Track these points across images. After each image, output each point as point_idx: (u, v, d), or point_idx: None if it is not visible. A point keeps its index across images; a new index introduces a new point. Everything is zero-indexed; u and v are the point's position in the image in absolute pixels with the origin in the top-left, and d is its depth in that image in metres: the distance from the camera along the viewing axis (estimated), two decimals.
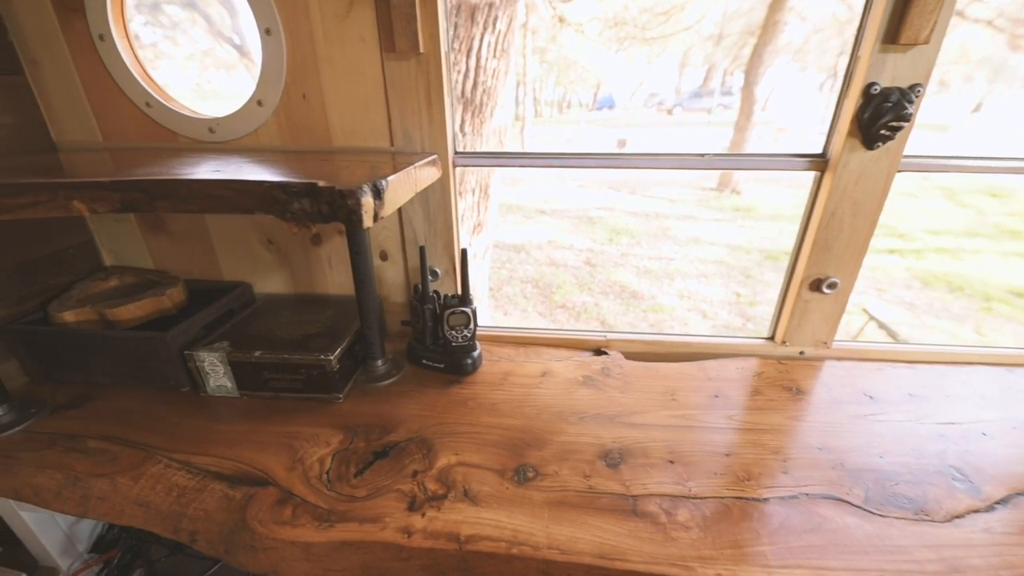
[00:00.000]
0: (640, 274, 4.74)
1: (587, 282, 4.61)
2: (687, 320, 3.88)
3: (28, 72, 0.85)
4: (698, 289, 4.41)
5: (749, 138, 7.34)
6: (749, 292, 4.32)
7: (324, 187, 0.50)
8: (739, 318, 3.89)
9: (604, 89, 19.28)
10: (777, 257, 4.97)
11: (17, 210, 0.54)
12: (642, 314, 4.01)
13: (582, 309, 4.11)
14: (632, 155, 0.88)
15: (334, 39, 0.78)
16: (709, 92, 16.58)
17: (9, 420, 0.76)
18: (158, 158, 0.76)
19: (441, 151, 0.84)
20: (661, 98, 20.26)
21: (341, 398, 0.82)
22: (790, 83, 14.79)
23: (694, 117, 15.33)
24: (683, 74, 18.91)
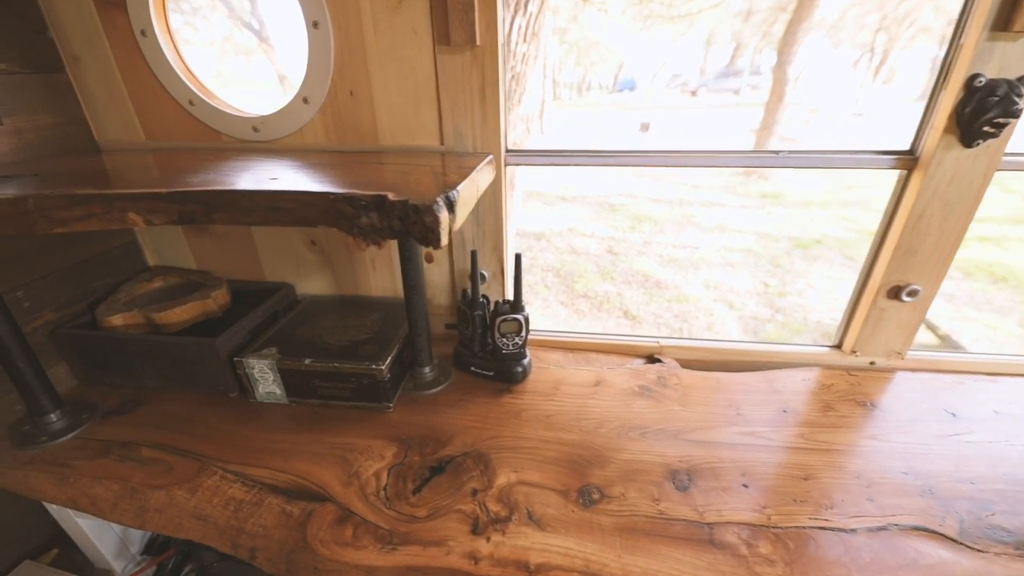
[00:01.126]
0: (664, 263, 4.64)
1: (609, 271, 4.53)
2: (712, 311, 3.79)
3: (69, 70, 0.83)
4: (724, 278, 4.30)
5: (779, 119, 7.07)
6: (778, 282, 4.19)
7: (395, 200, 0.46)
8: (767, 309, 3.78)
9: (625, 70, 18.74)
10: (807, 245, 4.81)
11: (71, 223, 0.52)
12: (666, 304, 3.93)
13: (604, 299, 4.04)
14: (695, 153, 0.82)
15: (384, 32, 0.74)
16: (736, 72, 15.96)
17: (62, 426, 0.76)
18: (203, 160, 0.73)
19: (494, 150, 0.80)
20: (685, 79, 19.60)
21: (391, 407, 0.80)
22: (822, 61, 14.15)
23: (720, 98, 14.83)
24: (709, 53, 18.25)
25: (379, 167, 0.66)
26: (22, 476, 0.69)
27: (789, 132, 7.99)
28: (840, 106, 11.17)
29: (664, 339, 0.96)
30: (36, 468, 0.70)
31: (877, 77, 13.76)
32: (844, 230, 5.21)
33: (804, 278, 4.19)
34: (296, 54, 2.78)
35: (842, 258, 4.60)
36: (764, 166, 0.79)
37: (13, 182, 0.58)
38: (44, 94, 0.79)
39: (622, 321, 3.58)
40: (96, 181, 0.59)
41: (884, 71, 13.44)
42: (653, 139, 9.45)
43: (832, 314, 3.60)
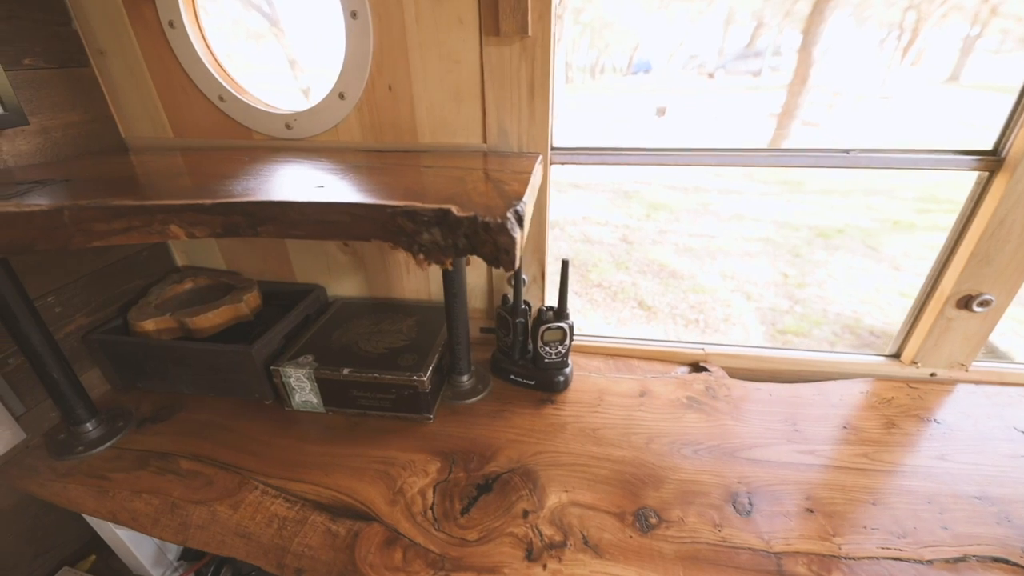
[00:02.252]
0: (679, 252, 4.55)
1: (624, 260, 4.45)
2: (729, 302, 3.72)
3: (94, 64, 0.79)
4: (741, 268, 4.21)
5: (802, 103, 6.85)
6: (797, 272, 4.09)
7: (462, 216, 0.42)
8: (786, 300, 3.70)
9: (641, 52, 18.20)
10: (828, 235, 4.69)
11: (109, 236, 0.49)
12: (682, 294, 3.86)
13: (619, 288, 3.99)
14: (755, 151, 0.77)
15: (428, 21, 0.69)
16: (756, 53, 15.43)
17: (98, 435, 0.75)
18: (236, 163, 0.70)
19: (541, 149, 0.75)
20: (701, 61, 19.01)
21: (432, 418, 0.77)
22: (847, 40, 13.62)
23: (738, 81, 14.38)
24: (728, 33, 17.65)
25: (426, 171, 0.61)
26: (61, 488, 0.68)
27: (812, 116, 7.75)
28: (865, 89, 10.79)
29: (709, 346, 0.92)
30: (75, 480, 0.68)
31: (905, 58, 13.24)
32: (867, 219, 5.07)
33: (824, 268, 4.09)
34: (306, 38, 2.71)
35: (864, 248, 4.48)
36: (834, 166, 0.73)
37: (44, 189, 0.55)
38: (69, 90, 0.76)
39: (637, 312, 3.53)
40: (129, 188, 0.56)
41: (912, 52, 12.93)
42: (670, 124, 9.23)
43: (853, 306, 3.52)
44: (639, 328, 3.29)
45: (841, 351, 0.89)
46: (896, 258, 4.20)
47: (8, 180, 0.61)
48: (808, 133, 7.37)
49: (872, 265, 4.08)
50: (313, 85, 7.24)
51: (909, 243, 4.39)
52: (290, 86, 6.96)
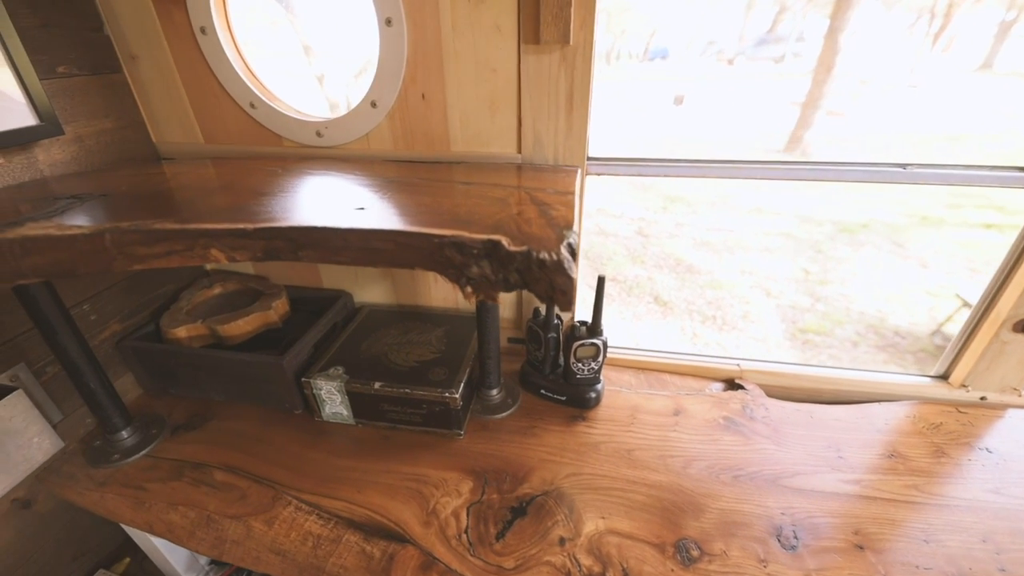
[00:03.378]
0: (697, 246, 4.47)
1: (639, 254, 4.39)
2: (748, 298, 3.65)
3: (126, 69, 0.78)
4: (761, 264, 4.12)
5: (826, 92, 6.62)
6: (819, 269, 3.99)
7: (515, 251, 0.40)
8: (808, 297, 3.62)
9: (658, 38, 17.73)
10: (853, 230, 4.56)
11: (150, 260, 0.48)
12: (699, 290, 3.80)
13: (634, 283, 3.93)
14: (805, 163, 0.73)
15: (464, 28, 0.66)
16: (778, 38, 14.93)
17: (133, 443, 0.75)
18: (269, 174, 0.69)
19: (578, 161, 0.72)
20: (721, 47, 18.47)
21: (462, 434, 0.76)
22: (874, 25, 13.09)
23: (759, 67, 13.96)
24: (748, 18, 17.09)
25: (465, 190, 0.59)
26: (99, 498, 0.69)
27: (836, 105, 7.49)
28: (893, 77, 10.39)
29: (745, 361, 0.89)
30: (112, 490, 0.69)
31: (936, 44, 12.71)
32: (893, 214, 4.91)
33: (848, 265, 3.99)
34: (319, 23, 2.63)
35: (890, 244, 4.35)
36: (888, 181, 0.70)
37: (82, 206, 0.55)
38: (103, 96, 0.75)
39: (652, 307, 3.49)
40: (167, 207, 0.55)
41: (944, 38, 12.39)
42: (688, 112, 9.03)
43: (878, 305, 3.43)
44: (654, 323, 3.25)
45: (885, 370, 0.85)
46: (924, 255, 4.07)
47: (46, 194, 0.61)
48: (833, 123, 7.15)
49: (898, 262, 3.96)
50: (327, 71, 7.24)
51: (938, 240, 4.24)
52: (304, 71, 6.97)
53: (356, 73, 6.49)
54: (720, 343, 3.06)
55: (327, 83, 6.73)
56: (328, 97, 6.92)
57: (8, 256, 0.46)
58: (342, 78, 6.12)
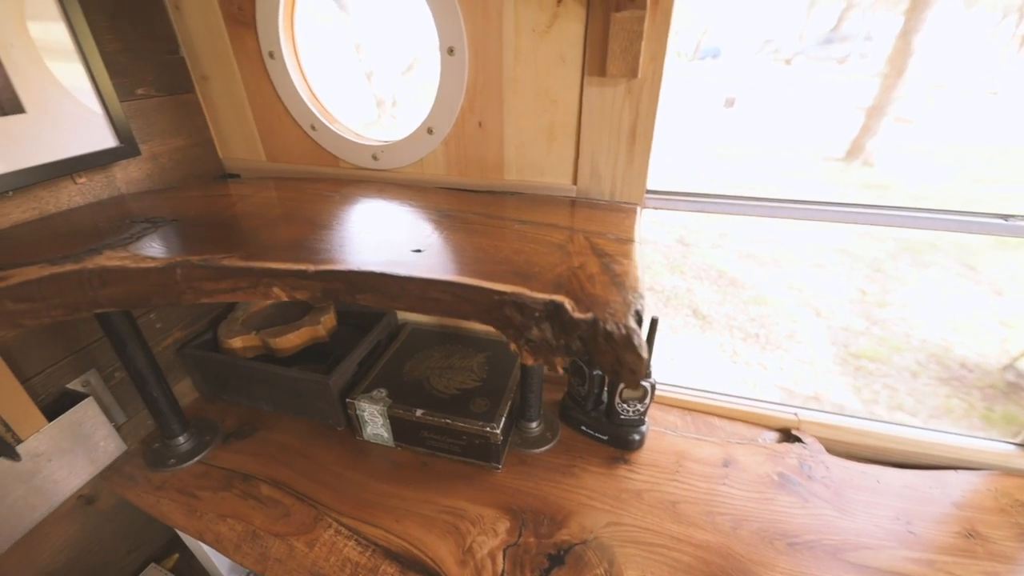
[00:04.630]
0: (741, 258, 4.27)
1: (679, 263, 4.24)
2: (796, 317, 3.46)
3: (198, 88, 0.81)
4: (812, 280, 3.89)
5: (895, 97, 6.17)
6: (878, 289, 3.73)
7: (580, 318, 0.38)
8: (863, 320, 3.39)
9: (710, 36, 17.05)
10: (918, 249, 4.24)
11: (217, 294, 0.50)
12: (742, 305, 3.63)
13: (672, 294, 3.80)
14: (888, 208, 0.67)
15: (527, 58, 0.65)
16: (843, 37, 14.05)
17: (188, 449, 0.79)
18: (327, 201, 0.69)
19: (637, 197, 0.69)
20: (778, 45, 17.56)
21: (500, 467, 0.75)
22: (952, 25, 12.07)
23: (819, 68, 13.20)
24: (811, 15, 16.16)
25: (522, 231, 0.58)
26: (155, 502, 0.72)
27: (906, 112, 6.98)
28: (971, 82, 9.58)
29: (803, 410, 0.83)
30: (167, 495, 0.72)
31: (1023, 48, 11.61)
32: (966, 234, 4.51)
33: (910, 287, 3.71)
34: (372, 22, 2.69)
35: (960, 266, 4.02)
36: (984, 232, 0.63)
37: (156, 233, 0.57)
38: (176, 116, 0.78)
39: (690, 320, 3.37)
40: (233, 239, 0.56)
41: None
42: (739, 115, 8.66)
43: (943, 334, 3.18)
44: (691, 337, 3.14)
45: (965, 433, 0.78)
46: (998, 281, 3.74)
47: (124, 213, 0.64)
48: (900, 131, 6.67)
49: (968, 287, 3.65)
50: (376, 68, 7.37)
51: (1016, 265, 3.89)
52: (354, 69, 7.12)
53: (404, 70, 6.54)
54: (762, 363, 2.92)
55: (375, 79, 6.81)
56: (375, 93, 7.01)
57: (87, 287, 0.48)
58: (390, 74, 6.17)
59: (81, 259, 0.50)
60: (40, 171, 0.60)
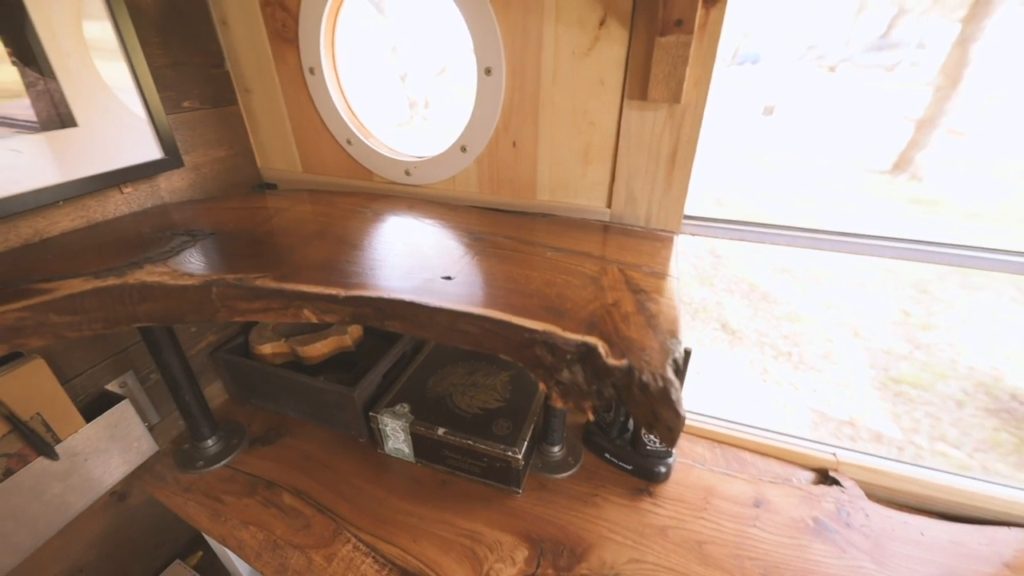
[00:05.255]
0: (775, 272, 4.12)
1: (709, 275, 4.12)
2: (832, 336, 3.31)
3: (240, 101, 0.83)
4: (851, 299, 3.72)
5: (949, 108, 5.85)
6: (923, 312, 3.53)
7: (614, 365, 0.36)
8: (905, 343, 3.22)
9: (749, 41, 16.55)
10: (968, 270, 3.99)
11: (249, 313, 0.50)
12: (774, 321, 3.50)
13: (700, 306, 3.70)
14: (953, 247, 0.62)
15: (565, 81, 0.63)
16: (892, 44, 13.42)
17: (216, 452, 0.80)
18: (359, 218, 0.70)
19: (673, 224, 0.67)
20: (822, 52, 16.90)
21: (520, 492, 0.74)
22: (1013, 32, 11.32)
23: (866, 76, 12.65)
24: (858, 20, 15.48)
25: (553, 259, 0.56)
26: (183, 503, 0.74)
27: (959, 123, 6.60)
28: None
29: (843, 450, 0.79)
30: (194, 498, 0.74)
31: None
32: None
33: (958, 310, 3.50)
34: (408, 25, 2.72)
35: (1015, 290, 3.78)
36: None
37: (195, 246, 0.58)
38: (219, 127, 0.80)
39: (718, 334, 3.27)
40: (266, 254, 0.57)
41: None
42: (778, 124, 8.39)
43: (993, 362, 2.99)
44: (719, 352, 3.05)
45: (1019, 486, 0.72)
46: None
47: (165, 224, 0.66)
48: (953, 144, 6.32)
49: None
50: (410, 70, 7.49)
51: None
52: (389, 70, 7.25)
53: (437, 72, 6.59)
54: (794, 383, 2.82)
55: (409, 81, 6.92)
56: (408, 95, 7.10)
57: (127, 302, 0.49)
58: (423, 76, 6.22)
59: (123, 273, 0.51)
60: (90, 182, 0.63)
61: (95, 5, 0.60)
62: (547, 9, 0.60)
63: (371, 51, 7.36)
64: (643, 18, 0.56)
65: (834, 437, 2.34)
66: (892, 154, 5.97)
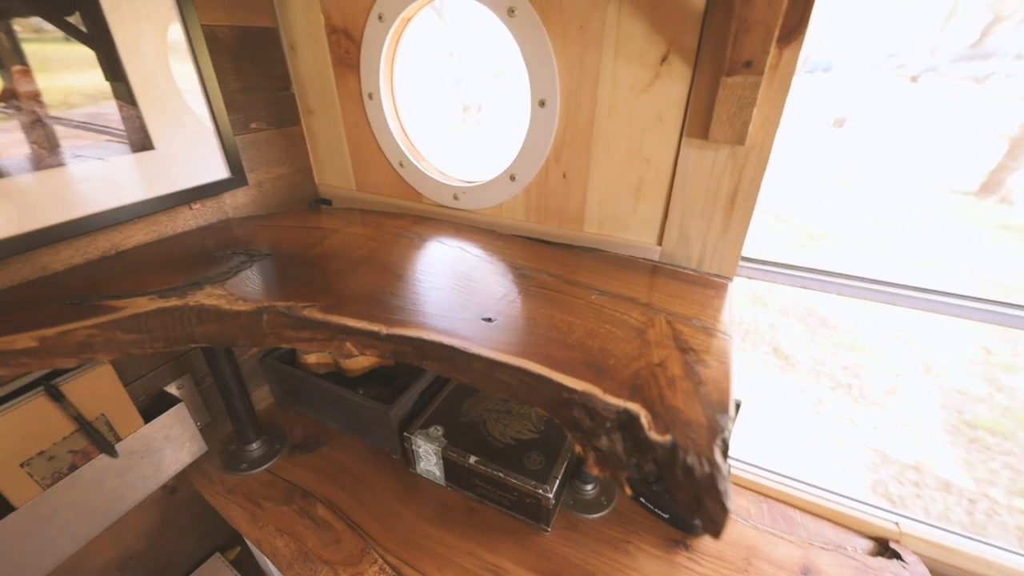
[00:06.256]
0: (838, 296, 3.83)
1: (762, 295, 3.90)
2: (899, 371, 3.04)
3: (303, 121, 0.87)
4: (924, 331, 3.40)
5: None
6: (1007, 351, 3.18)
7: (656, 441, 0.34)
8: (984, 384, 2.90)
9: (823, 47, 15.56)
10: None
11: (295, 342, 0.52)
12: (833, 349, 3.25)
13: (751, 327, 3.50)
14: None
15: (622, 115, 0.61)
16: (985, 54, 12.24)
17: (258, 456, 0.84)
18: (407, 245, 0.71)
19: (729, 268, 0.63)
20: (904, 60, 15.63)
21: (548, 530, 0.72)
22: None
23: (953, 87, 11.60)
24: (947, 28, 14.22)
25: (599, 305, 0.54)
26: (225, 504, 0.78)
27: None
28: None
29: (907, 520, 0.71)
30: (235, 500, 0.78)
31: None
32: None
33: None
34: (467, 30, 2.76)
35: None
36: None
37: (252, 269, 0.61)
38: (281, 146, 0.84)
39: (770, 359, 3.09)
40: (315, 280, 0.58)
41: None
42: (850, 137, 7.87)
43: None
44: (770, 378, 2.88)
45: None
46: None
47: (227, 240, 0.70)
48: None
49: None
50: (465, 76, 7.62)
51: None
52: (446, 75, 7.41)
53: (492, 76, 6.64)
54: (853, 418, 2.61)
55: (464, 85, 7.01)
56: (463, 99, 7.21)
57: (186, 323, 0.52)
58: (478, 81, 6.28)
59: (184, 294, 0.54)
60: (164, 200, 0.67)
61: (178, 39, 0.64)
62: (606, 44, 0.58)
63: (429, 55, 7.55)
64: (709, 56, 0.54)
65: (896, 482, 2.15)
66: (980, 174, 5.44)
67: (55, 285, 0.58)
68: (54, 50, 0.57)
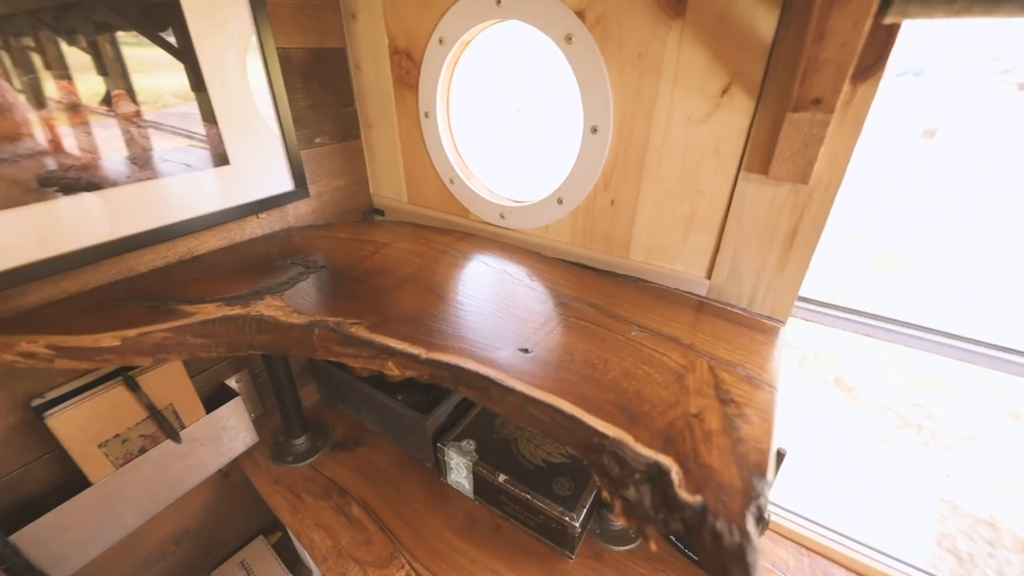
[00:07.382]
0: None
1: None
2: (981, 415, 2.73)
3: (363, 136, 0.91)
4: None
5: None
6: None
7: (686, 501, 0.33)
8: None
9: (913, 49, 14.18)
10: None
11: (342, 357, 0.55)
12: (904, 384, 2.97)
13: (811, 352, 3.26)
14: None
15: (676, 146, 0.59)
16: None
17: (303, 450, 0.89)
18: (452, 264, 0.72)
19: (783, 311, 0.60)
20: (1010, 65, 13.97)
21: (572, 558, 0.72)
22: None
23: None
24: None
25: (638, 342, 0.53)
26: (271, 492, 0.83)
27: None
28: None
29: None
30: (280, 491, 0.83)
31: None
32: None
33: None
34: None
35: None
36: None
37: (308, 279, 0.65)
38: (342, 159, 0.89)
39: (830, 389, 2.87)
40: (364, 296, 0.61)
41: None
42: (940, 149, 7.19)
43: None
44: (829, 409, 2.68)
45: None
46: None
47: (288, 248, 0.75)
48: None
49: None
50: (521, 77, 7.66)
51: None
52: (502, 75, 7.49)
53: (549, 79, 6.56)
54: (921, 462, 2.39)
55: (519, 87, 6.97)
56: (518, 100, 7.17)
57: (247, 331, 0.56)
58: (534, 83, 6.24)
59: (247, 303, 0.58)
60: (236, 211, 0.73)
61: (255, 64, 0.70)
62: (665, 73, 0.56)
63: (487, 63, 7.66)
64: (774, 90, 0.51)
65: (966, 537, 1.95)
66: None
67: (138, 286, 0.64)
68: (150, 52, 0.62)
